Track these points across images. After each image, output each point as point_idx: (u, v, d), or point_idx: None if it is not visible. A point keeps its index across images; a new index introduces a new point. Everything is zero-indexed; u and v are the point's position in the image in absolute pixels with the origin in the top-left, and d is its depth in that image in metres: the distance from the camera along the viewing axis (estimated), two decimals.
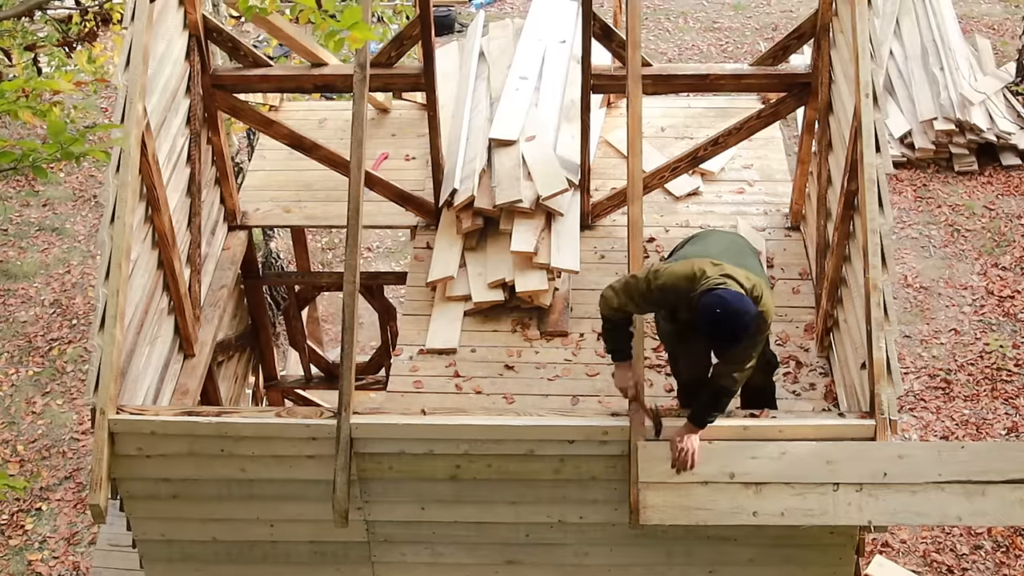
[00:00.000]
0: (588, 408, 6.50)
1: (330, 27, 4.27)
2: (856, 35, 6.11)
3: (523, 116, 7.85)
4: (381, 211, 8.01)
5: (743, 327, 5.08)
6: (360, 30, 4.22)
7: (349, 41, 4.28)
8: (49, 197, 13.78)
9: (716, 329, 5.09)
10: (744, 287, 5.19)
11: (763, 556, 5.85)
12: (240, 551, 6.05)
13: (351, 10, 4.24)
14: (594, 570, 5.96)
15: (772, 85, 7.47)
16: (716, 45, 16.32)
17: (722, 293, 5.09)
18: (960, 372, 10.74)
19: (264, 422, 5.59)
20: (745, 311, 5.07)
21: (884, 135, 6.00)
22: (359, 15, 4.25)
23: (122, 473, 5.71)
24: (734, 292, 5.11)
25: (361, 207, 5.87)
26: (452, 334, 7.09)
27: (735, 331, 5.08)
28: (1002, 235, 12.35)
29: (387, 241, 13.14)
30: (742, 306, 5.07)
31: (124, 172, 5.93)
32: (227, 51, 7.49)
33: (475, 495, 5.71)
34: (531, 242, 7.19)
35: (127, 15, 6.20)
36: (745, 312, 5.06)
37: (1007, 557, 9.08)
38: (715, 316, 5.06)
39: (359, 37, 4.24)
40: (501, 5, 17.48)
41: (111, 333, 5.64)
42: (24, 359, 11.47)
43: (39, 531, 9.78)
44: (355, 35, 4.23)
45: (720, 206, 8.05)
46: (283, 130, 7.69)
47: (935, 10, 14.43)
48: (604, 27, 7.26)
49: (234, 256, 7.92)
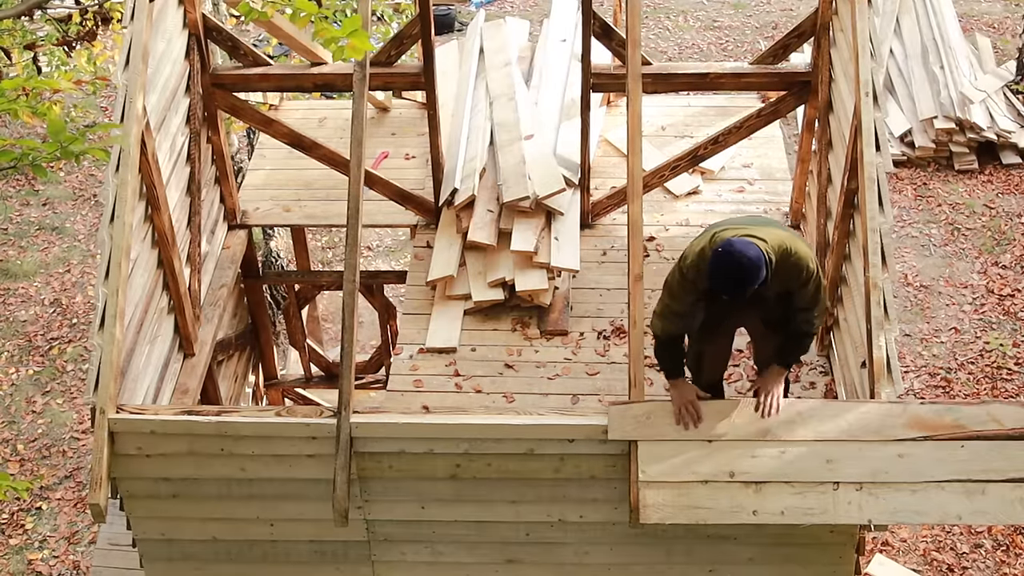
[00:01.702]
0: (588, 407, 6.50)
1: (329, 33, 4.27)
2: (856, 33, 6.11)
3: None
4: (381, 210, 8.01)
5: (748, 272, 4.96)
6: (359, 39, 4.23)
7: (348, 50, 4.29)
8: (49, 196, 13.78)
9: (725, 277, 5.00)
10: (765, 239, 5.11)
11: (763, 555, 5.84)
12: (240, 550, 6.04)
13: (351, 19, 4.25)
14: (594, 569, 5.96)
15: (772, 84, 7.47)
16: (716, 43, 16.32)
17: (730, 241, 5.03)
18: (960, 371, 10.74)
19: (264, 421, 5.59)
20: (750, 255, 4.95)
21: (884, 134, 6.00)
22: (358, 23, 4.25)
23: (122, 472, 5.70)
24: (742, 240, 5.02)
25: (361, 206, 5.87)
26: (452, 333, 7.09)
27: (740, 276, 4.96)
28: (1002, 234, 12.34)
29: (387, 240, 13.14)
30: (747, 251, 4.96)
31: (124, 171, 5.92)
32: (227, 50, 7.49)
33: (475, 494, 5.71)
34: (531, 241, 7.19)
35: (127, 14, 6.20)
36: (750, 256, 4.95)
37: (1007, 556, 9.08)
38: (721, 264, 4.99)
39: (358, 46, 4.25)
40: (501, 4, 17.47)
41: (111, 332, 5.64)
42: (24, 358, 11.47)
43: (39, 530, 9.78)
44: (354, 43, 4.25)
45: (720, 205, 8.05)
46: (283, 129, 7.69)
47: (935, 8, 14.43)
48: (604, 26, 7.26)
49: (234, 255, 7.92)
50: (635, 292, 5.64)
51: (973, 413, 5.31)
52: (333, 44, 4.31)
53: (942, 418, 5.30)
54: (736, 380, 6.80)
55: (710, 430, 5.38)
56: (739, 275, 4.99)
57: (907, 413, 5.31)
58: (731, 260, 4.98)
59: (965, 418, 5.30)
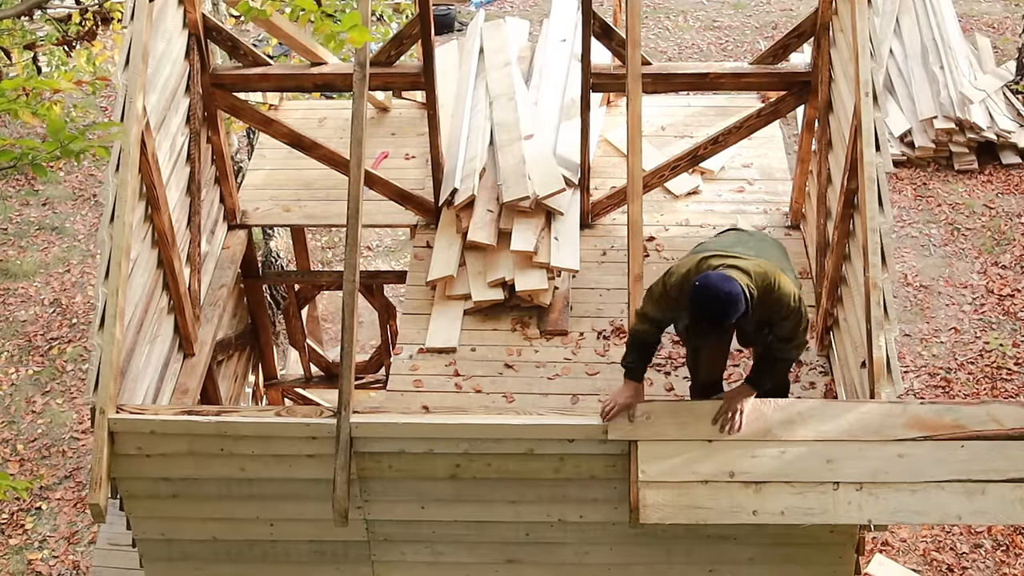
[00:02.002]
0: (588, 407, 6.50)
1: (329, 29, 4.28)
2: (856, 33, 6.11)
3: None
4: (381, 210, 8.01)
5: (725, 307, 5.04)
6: (359, 32, 4.23)
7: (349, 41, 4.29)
8: (49, 196, 13.78)
9: (702, 310, 5.09)
10: (749, 272, 5.19)
11: (763, 555, 5.84)
12: (240, 550, 6.04)
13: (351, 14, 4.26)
14: (594, 569, 5.96)
15: (772, 84, 7.47)
16: (716, 43, 16.32)
17: (708, 275, 5.12)
18: (960, 371, 10.74)
19: (264, 421, 5.59)
20: (727, 291, 5.03)
21: (884, 134, 6.00)
22: (358, 18, 4.26)
23: (122, 472, 5.70)
24: (720, 275, 5.11)
25: (361, 206, 5.87)
26: (452, 333, 7.09)
27: (718, 311, 5.05)
28: (1002, 234, 12.34)
29: (387, 240, 13.13)
30: (724, 286, 5.04)
31: (124, 171, 5.92)
32: (227, 50, 7.49)
33: (475, 494, 5.71)
34: (531, 241, 7.19)
35: (127, 14, 6.20)
36: (727, 292, 5.02)
37: (1007, 556, 9.08)
38: (699, 298, 5.08)
39: (358, 38, 4.25)
40: (501, 4, 17.48)
41: (111, 332, 5.64)
42: (24, 358, 11.47)
43: (39, 530, 9.78)
44: (354, 36, 4.25)
45: (720, 205, 8.05)
46: (283, 129, 7.69)
47: (935, 9, 14.43)
48: (604, 26, 7.26)
49: (234, 255, 7.92)
50: (635, 292, 5.65)
51: (973, 413, 5.31)
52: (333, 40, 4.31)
53: (942, 418, 5.31)
54: (736, 380, 6.79)
55: (710, 430, 5.38)
56: (716, 310, 5.07)
57: (907, 413, 5.32)
58: (707, 295, 5.05)
59: (965, 418, 5.30)
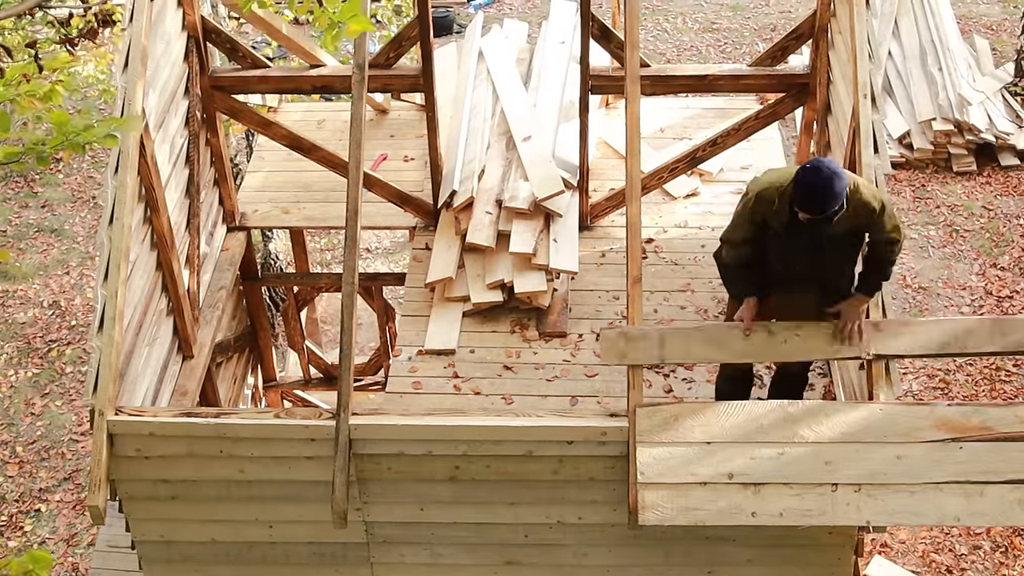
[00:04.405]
0: (587, 409, 6.51)
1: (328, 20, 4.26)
2: (854, 36, 6.12)
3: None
4: (380, 212, 8.01)
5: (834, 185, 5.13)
6: (358, 22, 4.22)
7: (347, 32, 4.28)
8: (48, 198, 13.78)
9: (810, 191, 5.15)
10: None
11: (762, 556, 5.85)
12: (239, 552, 6.05)
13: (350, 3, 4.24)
14: (593, 570, 5.96)
15: (770, 86, 7.48)
16: (714, 46, 16.33)
17: (819, 159, 5.27)
18: (959, 372, 10.74)
19: (263, 423, 5.59)
20: (835, 171, 5.16)
21: (882, 136, 6.01)
22: (357, 7, 4.25)
23: (121, 474, 5.70)
24: (828, 159, 5.27)
25: (360, 208, 5.87)
26: (451, 335, 7.09)
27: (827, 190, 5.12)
28: (1000, 235, 12.35)
29: (386, 242, 13.14)
30: (833, 166, 5.18)
31: (123, 173, 5.93)
32: (226, 52, 7.50)
33: (474, 496, 5.71)
34: (530, 243, 7.20)
35: (126, 16, 6.21)
36: (835, 172, 5.15)
37: (1006, 557, 9.09)
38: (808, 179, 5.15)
39: (357, 29, 4.24)
40: (499, 6, 17.49)
41: (110, 334, 5.64)
42: (23, 360, 11.47)
43: (38, 532, 9.78)
44: (353, 27, 4.23)
45: (719, 207, 8.05)
46: (282, 131, 7.69)
47: (933, 11, 14.44)
48: (602, 28, 7.27)
49: (233, 257, 7.92)
50: (634, 294, 5.65)
51: (1000, 415, 5.32)
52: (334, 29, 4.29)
53: (969, 420, 5.32)
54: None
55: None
56: (826, 190, 5.13)
57: (934, 415, 5.32)
58: (820, 176, 5.15)
59: (993, 420, 5.31)
